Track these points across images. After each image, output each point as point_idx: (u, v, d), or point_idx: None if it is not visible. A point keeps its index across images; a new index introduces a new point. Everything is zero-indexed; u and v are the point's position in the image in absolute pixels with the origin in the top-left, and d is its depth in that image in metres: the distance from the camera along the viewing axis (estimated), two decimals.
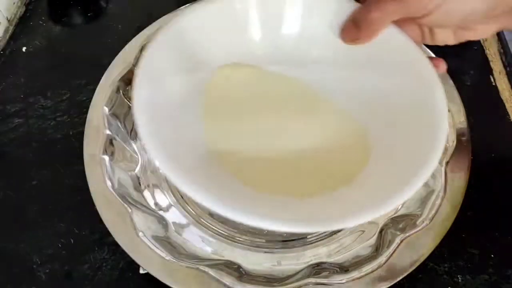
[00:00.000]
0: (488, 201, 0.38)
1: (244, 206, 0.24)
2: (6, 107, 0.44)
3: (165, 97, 0.28)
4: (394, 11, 0.25)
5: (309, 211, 0.27)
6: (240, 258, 0.35)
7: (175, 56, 0.29)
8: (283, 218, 0.23)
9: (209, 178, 0.27)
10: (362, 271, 0.31)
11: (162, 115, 0.27)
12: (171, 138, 0.26)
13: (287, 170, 0.29)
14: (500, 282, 0.35)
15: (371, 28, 0.27)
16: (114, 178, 0.35)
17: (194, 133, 0.30)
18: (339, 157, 0.30)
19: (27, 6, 0.51)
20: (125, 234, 0.32)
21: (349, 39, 0.28)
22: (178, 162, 0.25)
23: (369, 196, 0.26)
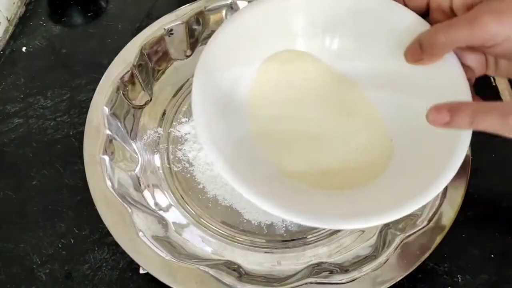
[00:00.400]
0: (488, 201, 0.38)
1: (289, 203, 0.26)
2: (6, 107, 0.44)
3: (218, 90, 0.30)
4: (461, 38, 0.25)
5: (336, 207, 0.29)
6: (240, 258, 0.35)
7: (229, 53, 0.31)
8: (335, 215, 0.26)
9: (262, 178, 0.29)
10: (362, 271, 0.31)
11: (215, 111, 0.29)
12: (223, 132, 0.28)
13: (320, 164, 0.31)
14: (500, 282, 0.35)
15: (435, 51, 0.27)
16: (114, 178, 0.35)
17: (240, 127, 0.32)
18: (365, 157, 0.31)
19: (27, 6, 0.51)
20: (125, 234, 0.32)
21: (412, 59, 0.28)
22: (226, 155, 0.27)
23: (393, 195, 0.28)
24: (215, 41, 0.30)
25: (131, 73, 0.39)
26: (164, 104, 0.42)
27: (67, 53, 0.47)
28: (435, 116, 0.25)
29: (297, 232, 0.36)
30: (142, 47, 0.40)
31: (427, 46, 0.27)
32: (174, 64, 0.43)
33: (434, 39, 0.26)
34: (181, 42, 0.43)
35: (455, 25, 0.25)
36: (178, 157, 0.40)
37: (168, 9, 0.43)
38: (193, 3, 0.43)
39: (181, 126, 0.41)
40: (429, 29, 0.27)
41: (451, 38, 0.25)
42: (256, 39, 0.32)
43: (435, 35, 0.26)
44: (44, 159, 0.41)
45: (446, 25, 0.26)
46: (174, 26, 0.41)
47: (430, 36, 0.27)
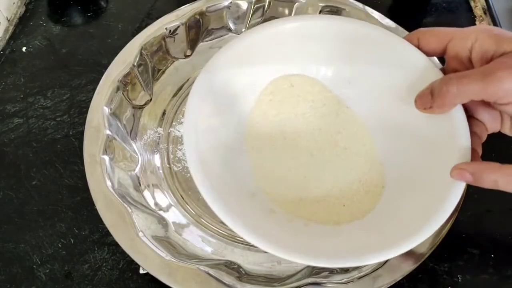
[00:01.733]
0: (488, 201, 0.38)
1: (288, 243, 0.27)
2: (6, 107, 0.44)
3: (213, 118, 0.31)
4: (473, 91, 0.24)
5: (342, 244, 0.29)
6: (240, 258, 0.35)
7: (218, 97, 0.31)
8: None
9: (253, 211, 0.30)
10: (362, 271, 0.31)
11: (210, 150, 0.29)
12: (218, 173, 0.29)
13: (322, 198, 0.32)
14: (500, 282, 0.35)
15: (445, 101, 0.26)
16: (114, 178, 0.35)
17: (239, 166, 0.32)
18: (358, 193, 0.32)
19: (27, 6, 0.51)
20: (125, 234, 0.32)
21: (422, 105, 0.28)
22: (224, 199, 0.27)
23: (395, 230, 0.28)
24: (216, 60, 0.30)
25: (131, 73, 0.39)
26: (164, 104, 0.42)
27: (67, 53, 0.47)
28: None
29: None
30: (142, 47, 0.40)
31: (438, 95, 0.26)
32: (174, 64, 0.43)
33: (446, 89, 0.25)
34: (181, 42, 0.43)
35: (468, 77, 0.24)
36: (178, 157, 0.40)
37: (168, 9, 0.43)
38: (193, 3, 0.43)
39: (181, 126, 0.41)
40: (441, 78, 0.27)
41: (463, 89, 0.25)
42: (260, 61, 0.33)
43: (447, 85, 0.25)
44: (44, 159, 0.41)
45: (459, 76, 0.25)
46: (174, 26, 0.41)
47: (442, 85, 0.26)
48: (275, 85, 0.34)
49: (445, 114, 0.27)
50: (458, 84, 0.25)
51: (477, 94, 0.24)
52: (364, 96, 0.34)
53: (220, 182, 0.28)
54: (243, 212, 0.27)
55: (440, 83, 0.26)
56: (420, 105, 0.28)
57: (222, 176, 0.29)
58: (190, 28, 0.42)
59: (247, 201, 0.30)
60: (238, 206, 0.28)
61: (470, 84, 0.24)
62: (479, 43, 0.26)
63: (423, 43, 0.30)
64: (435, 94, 0.26)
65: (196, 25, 0.43)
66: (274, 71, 0.34)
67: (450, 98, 0.26)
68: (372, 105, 0.33)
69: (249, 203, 0.30)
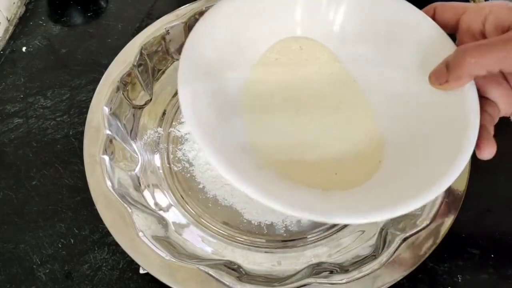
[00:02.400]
0: (488, 201, 0.38)
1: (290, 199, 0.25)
2: (6, 107, 0.44)
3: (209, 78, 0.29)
4: (491, 60, 0.23)
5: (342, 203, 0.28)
6: (240, 258, 0.35)
7: (220, 39, 0.30)
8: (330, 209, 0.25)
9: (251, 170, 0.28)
10: (362, 271, 0.31)
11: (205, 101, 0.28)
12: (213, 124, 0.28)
13: (314, 163, 0.31)
14: (500, 282, 0.35)
15: (462, 73, 0.24)
16: (114, 178, 0.35)
17: (233, 121, 0.31)
18: (356, 157, 0.31)
19: (27, 6, 0.51)
20: (125, 234, 0.32)
21: (437, 81, 0.26)
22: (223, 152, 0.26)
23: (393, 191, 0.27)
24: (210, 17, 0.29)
25: (131, 73, 0.39)
26: (164, 104, 0.42)
27: (67, 53, 0.47)
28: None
29: (297, 232, 0.36)
30: (142, 47, 0.40)
31: (454, 66, 0.25)
32: (174, 64, 0.43)
33: (463, 59, 0.24)
34: (181, 42, 0.43)
35: (487, 45, 0.23)
36: (178, 157, 0.40)
37: (168, 9, 0.43)
38: (193, 3, 0.43)
39: (181, 126, 0.41)
40: (456, 49, 0.25)
41: (481, 59, 0.23)
42: (260, 18, 0.31)
43: (464, 54, 0.24)
44: (44, 159, 0.41)
45: (476, 45, 0.24)
46: (174, 26, 0.41)
47: (458, 55, 0.24)
48: (283, 45, 0.33)
49: (457, 91, 0.26)
50: (476, 53, 0.23)
51: (496, 63, 0.23)
52: (373, 69, 0.32)
53: (213, 133, 0.27)
54: (233, 163, 0.26)
55: (456, 54, 0.24)
56: (435, 81, 0.27)
57: (216, 128, 0.28)
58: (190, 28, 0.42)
59: (238, 155, 0.29)
60: (228, 156, 0.27)
61: (489, 52, 0.23)
62: (493, 15, 0.25)
63: (439, 14, 0.29)
64: (450, 66, 0.25)
65: None
66: (284, 30, 0.32)
67: (467, 69, 0.24)
68: (380, 79, 0.32)
69: (239, 157, 0.29)
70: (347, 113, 0.33)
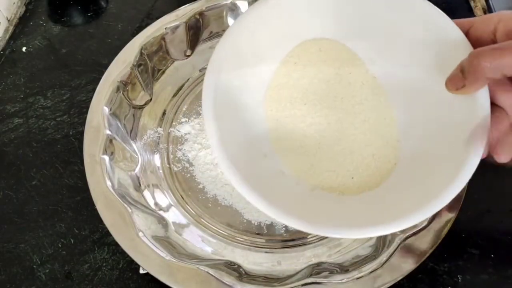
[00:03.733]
0: (488, 201, 0.38)
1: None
2: (6, 107, 0.44)
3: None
4: (507, 63, 0.23)
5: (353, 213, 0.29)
6: (240, 258, 0.35)
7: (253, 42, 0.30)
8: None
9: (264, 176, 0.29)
10: (362, 271, 0.31)
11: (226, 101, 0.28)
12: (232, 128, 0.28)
13: (333, 167, 0.31)
14: (500, 282, 0.35)
15: (478, 76, 0.24)
16: (114, 178, 0.35)
17: (253, 119, 0.31)
18: (373, 160, 0.31)
19: (27, 6, 0.51)
20: (125, 234, 0.32)
21: (453, 86, 0.26)
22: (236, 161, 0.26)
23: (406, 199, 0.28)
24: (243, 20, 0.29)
25: (131, 73, 0.39)
26: (164, 104, 0.42)
27: (67, 53, 0.47)
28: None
29: (297, 232, 0.36)
30: (142, 47, 0.40)
31: (469, 70, 0.24)
32: (174, 64, 0.43)
33: (478, 63, 0.24)
34: (181, 42, 0.43)
35: (502, 48, 0.23)
36: (178, 157, 0.40)
37: (168, 9, 0.43)
38: (193, 3, 0.43)
39: (181, 126, 0.41)
40: (470, 53, 0.25)
41: (497, 62, 0.23)
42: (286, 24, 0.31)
43: (478, 59, 0.24)
44: (44, 159, 0.41)
45: (491, 49, 0.23)
46: (174, 26, 0.41)
47: (473, 59, 0.24)
48: (302, 48, 0.33)
49: (471, 95, 0.26)
50: (491, 57, 0.23)
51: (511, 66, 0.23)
52: (392, 68, 0.32)
53: (233, 138, 0.27)
54: (251, 171, 0.27)
55: (471, 58, 0.24)
56: (452, 87, 0.26)
57: (236, 133, 0.28)
58: (190, 28, 0.42)
59: (258, 160, 0.30)
60: (247, 165, 0.27)
61: (504, 56, 0.22)
62: (503, 23, 0.25)
63: None
64: (466, 71, 0.25)
65: (196, 25, 0.43)
66: (303, 34, 0.33)
67: (483, 72, 0.24)
68: (399, 78, 0.32)
69: (259, 162, 0.30)
70: (365, 115, 0.33)
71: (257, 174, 0.28)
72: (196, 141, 0.40)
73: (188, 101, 0.43)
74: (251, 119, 0.31)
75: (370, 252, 0.33)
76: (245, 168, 0.27)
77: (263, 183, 0.27)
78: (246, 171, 0.26)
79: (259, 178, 0.28)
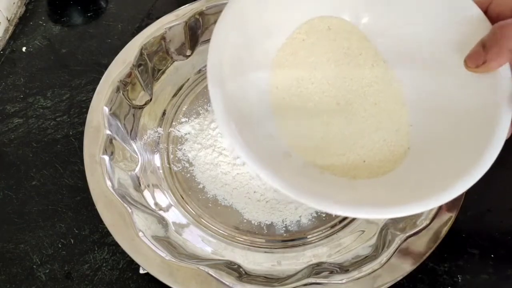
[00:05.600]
0: (488, 201, 0.38)
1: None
2: (6, 107, 0.44)
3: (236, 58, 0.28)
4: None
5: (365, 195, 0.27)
6: (240, 258, 0.35)
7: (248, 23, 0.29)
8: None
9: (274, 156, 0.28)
10: (362, 271, 0.31)
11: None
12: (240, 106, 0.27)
13: (343, 150, 0.30)
14: (500, 282, 0.35)
15: (502, 47, 0.23)
16: (114, 178, 0.35)
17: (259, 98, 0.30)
18: (385, 144, 0.30)
19: (27, 6, 0.51)
20: (125, 234, 0.32)
21: (474, 63, 0.25)
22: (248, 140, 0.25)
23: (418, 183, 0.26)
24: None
25: (131, 73, 0.39)
26: (164, 104, 0.42)
27: (67, 53, 0.47)
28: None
29: (297, 232, 0.36)
30: (142, 47, 0.40)
31: (492, 45, 0.24)
32: (174, 64, 0.43)
33: (501, 35, 0.23)
34: (181, 42, 0.43)
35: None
36: (178, 157, 0.40)
37: (168, 9, 0.43)
38: (193, 3, 0.43)
39: (181, 126, 0.41)
40: (493, 27, 0.24)
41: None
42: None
43: (501, 31, 0.23)
44: (44, 159, 0.41)
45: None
46: (174, 26, 0.41)
47: (495, 33, 0.23)
48: (310, 25, 0.31)
49: (491, 76, 0.25)
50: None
51: None
52: (403, 50, 0.31)
53: (239, 117, 0.26)
54: (258, 150, 0.25)
55: (494, 30, 0.24)
56: (471, 64, 0.25)
57: (241, 112, 0.27)
58: (190, 28, 0.42)
59: (264, 140, 0.28)
60: (253, 143, 0.26)
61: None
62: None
63: None
64: (487, 45, 0.24)
65: (196, 25, 0.43)
66: (312, 10, 0.31)
67: (507, 44, 0.23)
68: (410, 59, 0.31)
69: (265, 142, 0.28)
70: (376, 98, 0.31)
71: (262, 154, 0.26)
72: (196, 141, 0.40)
73: (188, 101, 0.43)
74: (256, 97, 0.30)
75: (370, 252, 0.33)
76: (252, 145, 0.25)
77: (269, 164, 0.25)
78: (254, 148, 0.25)
79: (265, 158, 0.26)
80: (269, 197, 0.37)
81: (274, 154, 0.28)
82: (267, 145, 0.29)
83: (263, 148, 0.28)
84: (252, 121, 0.29)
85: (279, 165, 0.27)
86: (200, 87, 0.43)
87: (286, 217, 0.37)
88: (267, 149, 0.28)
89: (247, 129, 0.26)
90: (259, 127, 0.29)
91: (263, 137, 0.29)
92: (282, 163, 0.28)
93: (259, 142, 0.28)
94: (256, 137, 0.28)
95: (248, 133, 0.26)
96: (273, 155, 0.28)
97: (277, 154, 0.29)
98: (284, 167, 0.28)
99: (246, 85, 0.29)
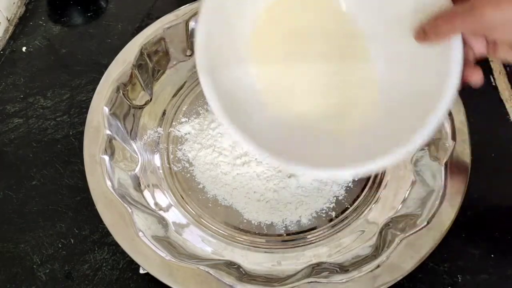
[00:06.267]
0: (488, 201, 0.38)
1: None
2: (6, 107, 0.44)
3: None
4: (462, 28, 0.27)
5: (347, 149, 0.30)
6: (240, 258, 0.35)
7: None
8: None
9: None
10: (362, 271, 0.31)
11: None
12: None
13: (318, 106, 0.33)
14: (500, 282, 0.35)
15: (437, 36, 0.28)
16: (114, 178, 0.35)
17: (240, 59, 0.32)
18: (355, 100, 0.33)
19: (27, 6, 0.51)
20: (125, 234, 0.32)
21: (419, 38, 0.29)
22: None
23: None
24: None
25: (131, 73, 0.39)
26: (164, 104, 0.42)
27: (67, 53, 0.47)
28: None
29: (297, 232, 0.36)
30: (142, 47, 0.40)
31: (431, 32, 0.28)
32: (174, 64, 0.43)
33: (437, 28, 0.27)
34: (181, 42, 0.43)
35: (455, 13, 0.26)
36: (178, 157, 0.40)
37: (168, 9, 0.43)
38: (193, 3, 0.43)
39: (181, 126, 0.41)
40: (432, 16, 0.28)
41: (452, 26, 0.26)
42: None
43: (436, 22, 0.27)
44: (44, 159, 0.41)
45: (449, 14, 0.27)
46: (174, 26, 0.41)
47: (432, 23, 0.28)
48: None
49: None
50: (447, 22, 0.27)
51: (467, 31, 0.27)
52: (374, 15, 0.33)
53: (216, 55, 0.29)
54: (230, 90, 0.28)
55: (430, 23, 0.28)
56: (417, 37, 0.29)
57: (221, 48, 0.30)
58: (190, 28, 0.42)
59: (238, 81, 0.31)
60: (226, 83, 0.29)
61: (457, 21, 0.26)
62: None
63: None
64: (427, 32, 0.28)
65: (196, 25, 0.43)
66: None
67: (441, 35, 0.27)
68: (380, 26, 0.33)
69: (239, 83, 0.31)
70: (347, 61, 0.34)
71: (246, 115, 0.29)
72: (196, 141, 0.40)
73: (188, 101, 0.43)
74: (238, 57, 0.32)
75: (370, 252, 0.33)
76: (226, 84, 0.28)
77: (241, 114, 0.28)
78: (227, 88, 0.28)
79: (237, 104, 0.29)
80: (269, 197, 0.37)
81: (247, 100, 0.31)
82: (250, 106, 0.31)
83: (237, 89, 0.30)
84: (230, 61, 0.31)
85: (250, 116, 0.29)
86: (200, 87, 0.43)
87: (286, 217, 0.37)
88: (241, 89, 0.31)
89: (223, 68, 0.29)
90: (238, 67, 0.31)
91: (245, 93, 0.31)
92: (254, 112, 0.31)
93: (233, 82, 0.30)
94: (236, 95, 0.30)
95: (224, 71, 0.29)
96: (247, 101, 0.30)
97: (250, 99, 0.31)
98: (256, 118, 0.30)
99: (231, 32, 0.31)
